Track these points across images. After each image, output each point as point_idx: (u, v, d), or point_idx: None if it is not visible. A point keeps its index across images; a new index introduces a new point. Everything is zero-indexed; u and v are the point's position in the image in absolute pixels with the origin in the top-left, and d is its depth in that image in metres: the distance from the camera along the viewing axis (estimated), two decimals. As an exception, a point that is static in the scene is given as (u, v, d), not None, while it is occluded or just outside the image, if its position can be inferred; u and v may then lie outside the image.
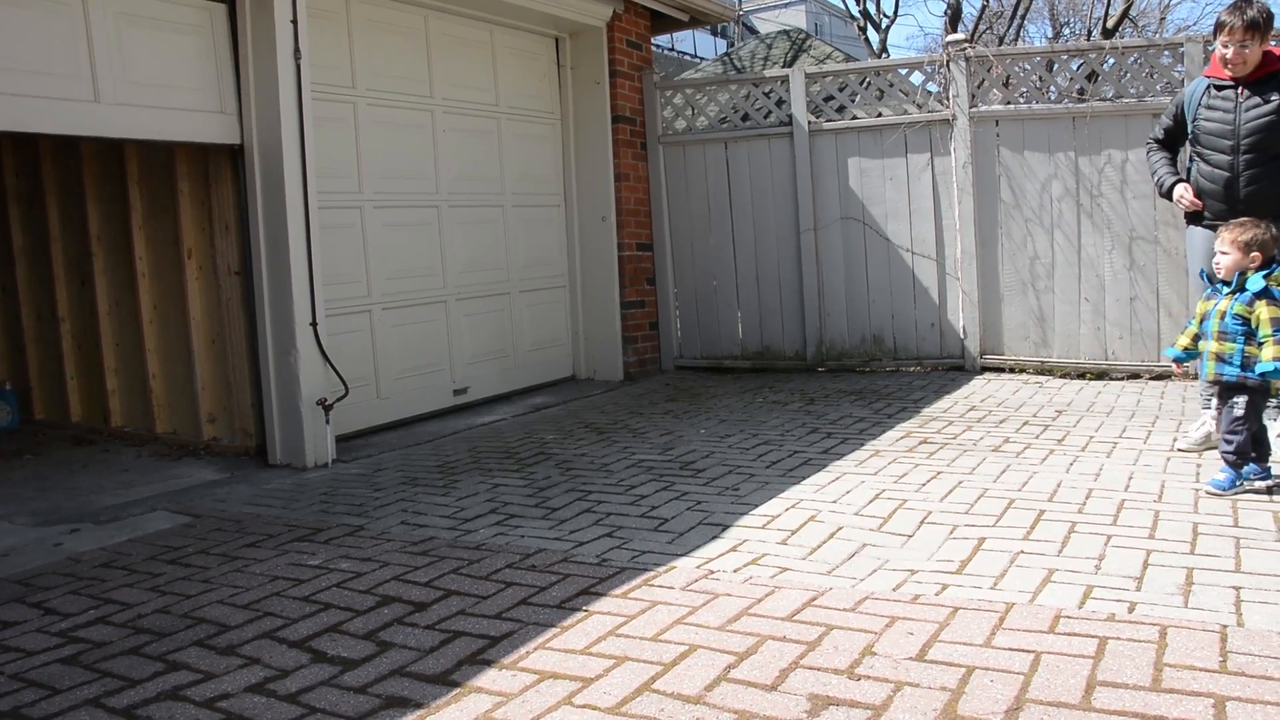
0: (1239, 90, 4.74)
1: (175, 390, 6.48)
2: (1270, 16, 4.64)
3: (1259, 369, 4.09)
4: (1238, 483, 4.14)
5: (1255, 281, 4.14)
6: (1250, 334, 4.14)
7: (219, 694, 2.79)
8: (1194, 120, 4.90)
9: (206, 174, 5.93)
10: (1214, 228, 4.87)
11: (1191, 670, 2.59)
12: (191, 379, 6.26)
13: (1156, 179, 5.11)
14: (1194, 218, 5.01)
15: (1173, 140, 5.11)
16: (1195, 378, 4.66)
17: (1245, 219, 4.33)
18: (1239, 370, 4.16)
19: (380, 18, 6.71)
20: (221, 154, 5.76)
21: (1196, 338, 4.42)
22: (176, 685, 2.86)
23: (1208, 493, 4.14)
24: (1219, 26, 4.70)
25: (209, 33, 5.57)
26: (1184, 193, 4.92)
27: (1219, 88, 4.81)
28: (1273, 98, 4.66)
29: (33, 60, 4.79)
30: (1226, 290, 4.26)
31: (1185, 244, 5.18)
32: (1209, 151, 4.83)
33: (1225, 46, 4.67)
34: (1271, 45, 4.75)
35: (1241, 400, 4.16)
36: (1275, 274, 4.16)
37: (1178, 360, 4.54)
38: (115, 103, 5.12)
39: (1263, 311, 4.10)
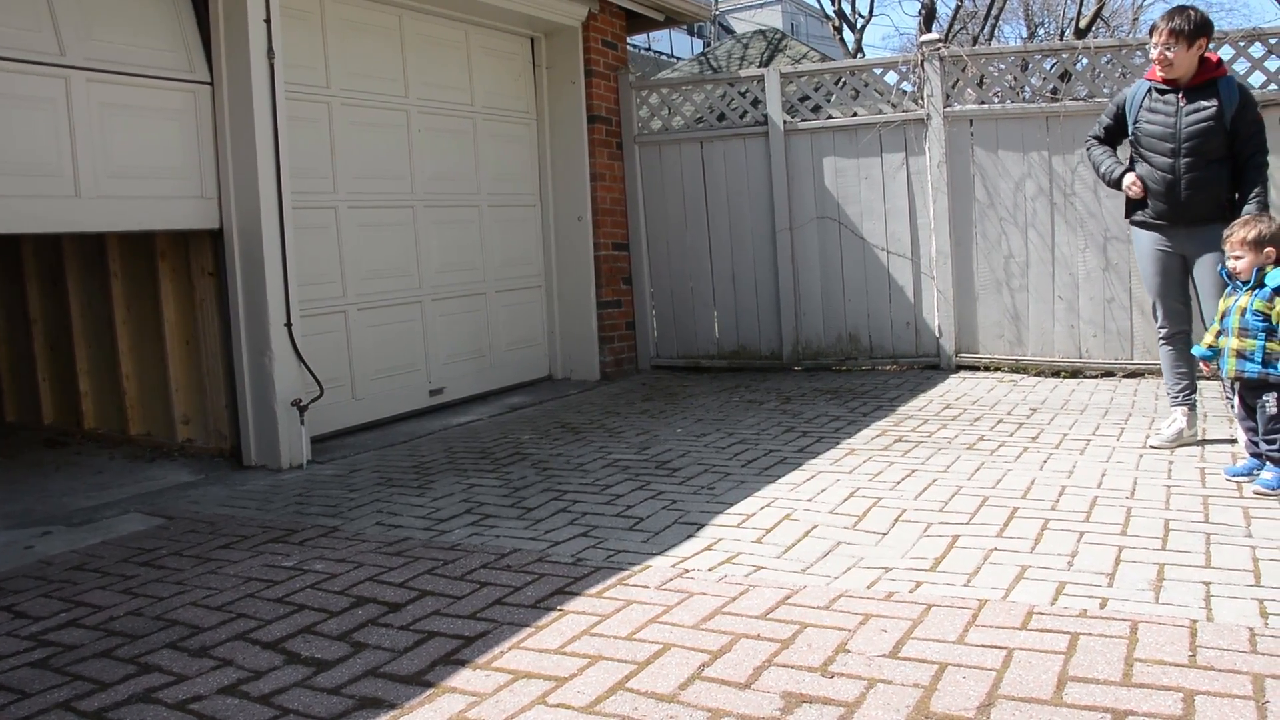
0: (1179, 95, 4.83)
1: (149, 392, 6.44)
2: (1201, 25, 4.73)
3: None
4: None
5: (1274, 277, 4.13)
6: (1271, 330, 4.12)
7: (191, 696, 2.78)
8: (1135, 122, 4.99)
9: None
10: (1155, 228, 4.96)
11: (1161, 665, 2.61)
12: (165, 380, 6.22)
13: (1104, 169, 5.16)
14: (1133, 207, 5.08)
15: (1112, 138, 5.21)
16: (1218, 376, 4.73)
17: (1245, 217, 4.36)
18: (1260, 367, 4.15)
19: (355, 17, 6.68)
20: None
21: (1219, 334, 4.39)
22: (149, 688, 2.84)
23: (1255, 492, 4.09)
24: (1152, 29, 4.85)
25: (192, 116, 5.56)
26: (1133, 182, 4.98)
27: (1160, 91, 4.90)
28: (1212, 102, 4.75)
29: (14, 159, 4.74)
30: (1246, 286, 4.24)
31: (1134, 245, 5.25)
32: (1150, 154, 4.92)
33: (1154, 47, 4.80)
34: (1210, 53, 4.84)
35: (1272, 398, 4.15)
36: None
37: (1204, 359, 4.53)
38: (96, 195, 5.10)
39: None
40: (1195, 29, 4.70)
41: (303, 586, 3.63)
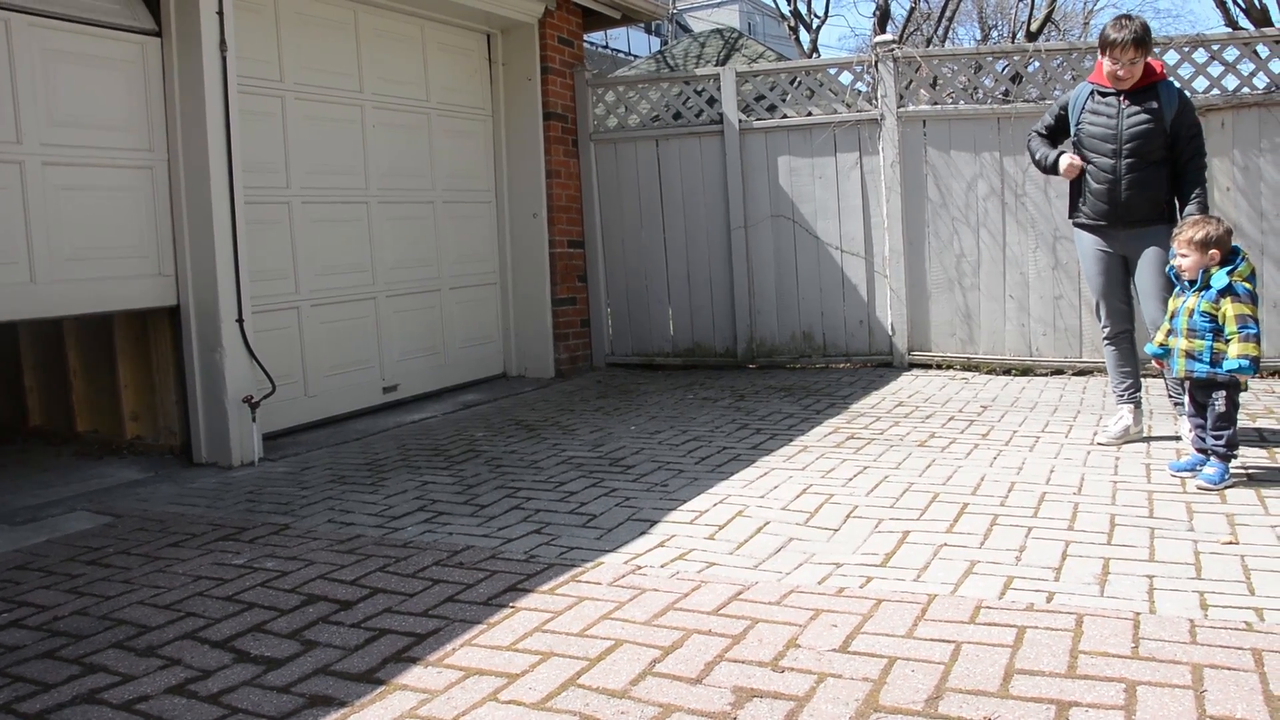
0: (1120, 98, 4.92)
1: (97, 388, 6.34)
2: (1149, 30, 4.82)
3: (1225, 366, 4.14)
4: (1227, 476, 4.20)
5: (1219, 279, 4.18)
6: (1218, 330, 4.19)
7: (138, 696, 2.74)
8: (1078, 124, 5.06)
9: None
10: (1096, 229, 5.05)
11: (1105, 656, 2.65)
12: (114, 376, 6.13)
13: (1039, 155, 5.23)
14: (1075, 207, 5.17)
15: (1053, 138, 5.25)
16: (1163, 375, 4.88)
17: (1196, 218, 4.41)
18: (1208, 366, 4.21)
19: (309, 11, 6.62)
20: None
21: (1170, 333, 4.46)
22: (93, 688, 2.80)
23: (1199, 488, 4.18)
24: (1109, 45, 4.84)
25: (149, 193, 5.53)
26: (1071, 160, 5.04)
27: (1102, 94, 4.99)
28: (1152, 106, 4.85)
29: None
30: (1194, 287, 4.30)
31: (1077, 246, 5.33)
32: (1093, 154, 5.00)
33: (1115, 63, 4.83)
34: (1150, 58, 4.92)
35: (1221, 396, 4.22)
36: (1239, 269, 4.21)
37: (1157, 356, 4.60)
38: (52, 280, 5.08)
39: (1228, 309, 4.15)
40: (1148, 35, 4.79)
41: (253, 584, 3.60)
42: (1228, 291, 4.17)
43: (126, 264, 5.43)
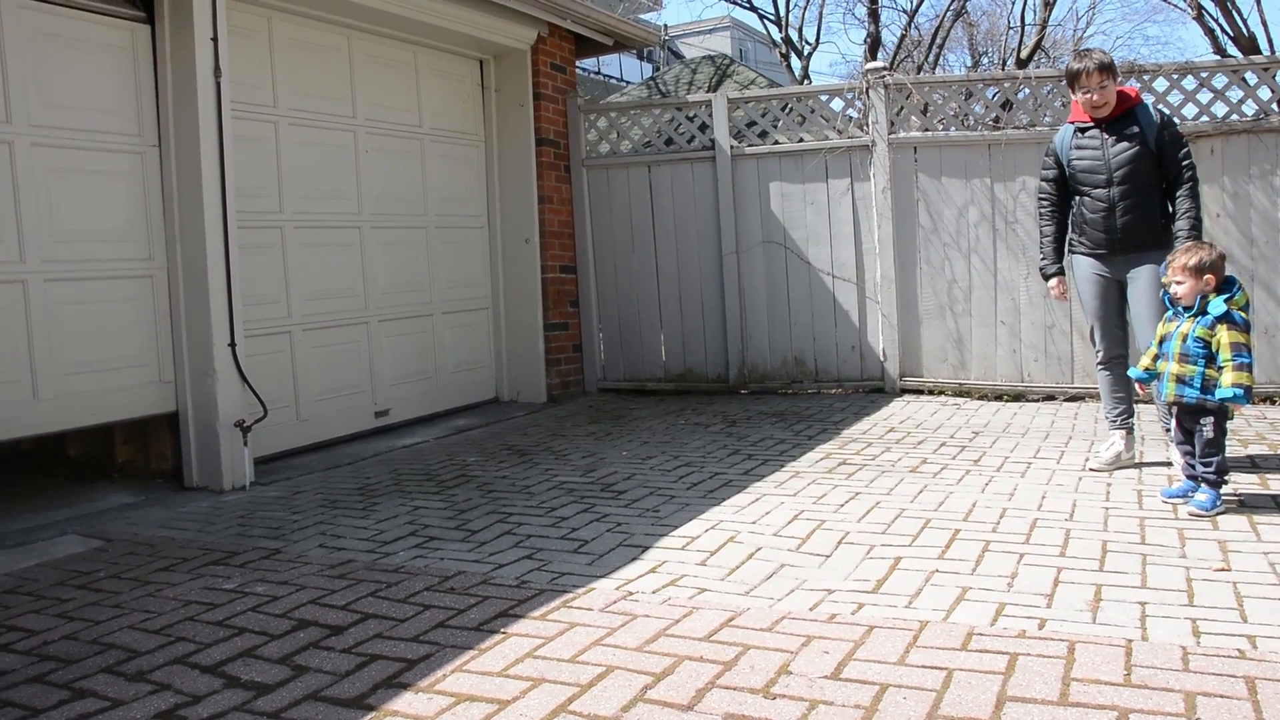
0: (1101, 129, 4.99)
1: (87, 412, 6.33)
2: (1108, 54, 4.93)
3: (1218, 394, 4.13)
4: (1219, 502, 4.19)
5: (1216, 305, 4.19)
6: (1210, 357, 4.19)
7: (127, 722, 2.73)
8: (1069, 163, 5.11)
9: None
10: (1095, 256, 5.08)
11: (1097, 684, 2.65)
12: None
13: (1042, 257, 5.36)
14: (1072, 241, 5.26)
15: (1062, 187, 5.24)
16: (1151, 400, 4.91)
17: (1187, 244, 4.43)
18: (1199, 393, 4.21)
19: (303, 38, 6.65)
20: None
21: (1157, 358, 4.47)
22: (83, 713, 2.79)
23: (1190, 514, 4.18)
24: (1075, 76, 4.94)
25: (149, 301, 5.59)
26: (1055, 286, 5.32)
27: (1083, 130, 5.06)
28: (1133, 130, 4.92)
29: None
30: (1189, 313, 4.29)
31: (1074, 272, 5.35)
32: (1087, 188, 5.05)
33: (1088, 92, 4.91)
34: (1123, 85, 4.99)
35: (1209, 422, 4.22)
36: (1236, 297, 4.21)
37: (1140, 381, 4.62)
38: (54, 395, 5.14)
39: (1223, 336, 4.15)
40: (1111, 61, 4.90)
41: (243, 609, 3.58)
42: (1225, 319, 4.17)
43: (127, 374, 5.47)
